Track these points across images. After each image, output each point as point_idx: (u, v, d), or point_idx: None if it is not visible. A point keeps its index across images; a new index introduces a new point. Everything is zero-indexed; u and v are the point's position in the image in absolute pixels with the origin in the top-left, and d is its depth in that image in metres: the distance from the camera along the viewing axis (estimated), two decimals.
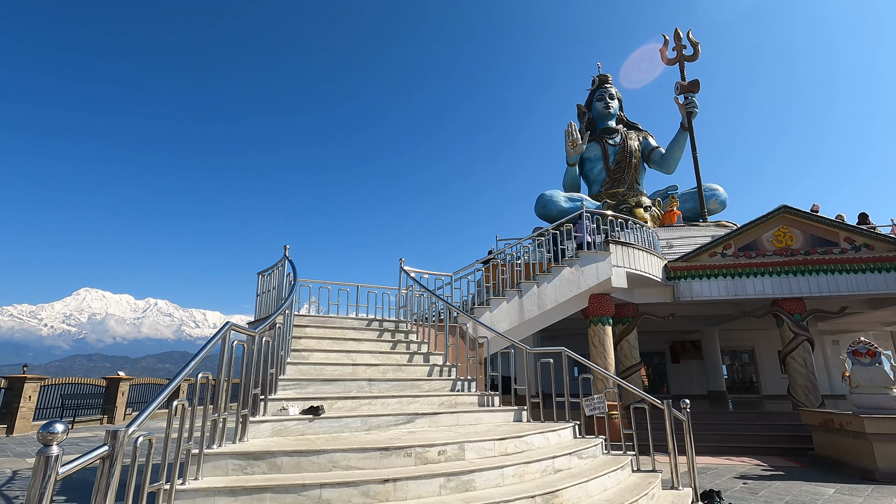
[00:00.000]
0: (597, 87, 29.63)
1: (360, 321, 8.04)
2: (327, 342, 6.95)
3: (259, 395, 4.73)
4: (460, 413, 5.93)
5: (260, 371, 4.77)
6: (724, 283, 11.56)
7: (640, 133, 28.32)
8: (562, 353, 6.88)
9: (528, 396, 6.66)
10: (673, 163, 26.00)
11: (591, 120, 29.43)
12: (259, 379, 4.76)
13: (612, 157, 27.20)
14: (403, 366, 6.82)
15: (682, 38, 26.80)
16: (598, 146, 27.46)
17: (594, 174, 27.34)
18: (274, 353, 5.23)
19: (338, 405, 5.42)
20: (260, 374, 4.76)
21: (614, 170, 27.13)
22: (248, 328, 4.50)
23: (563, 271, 9.99)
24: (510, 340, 7.08)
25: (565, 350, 6.89)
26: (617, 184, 26.41)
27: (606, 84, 29.39)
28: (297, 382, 5.61)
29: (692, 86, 25.00)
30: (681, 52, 26.45)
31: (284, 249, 7.81)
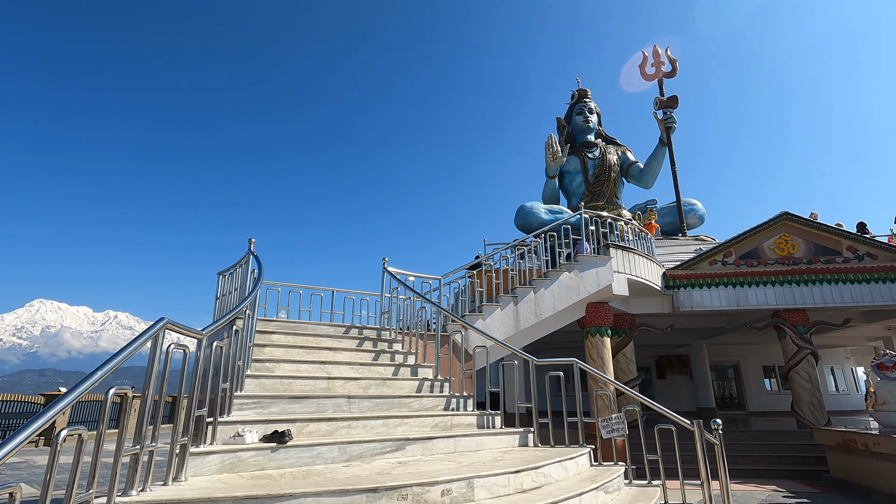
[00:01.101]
0: (576, 101, 29.52)
1: (336, 328, 6.94)
2: (297, 351, 5.84)
3: (206, 417, 3.61)
4: (458, 437, 4.90)
5: (208, 386, 3.66)
6: (725, 293, 10.92)
7: (619, 148, 28.26)
8: (573, 366, 5.97)
9: (535, 416, 5.69)
10: (651, 177, 25.92)
11: (570, 133, 29.25)
12: (207, 396, 3.66)
13: (591, 170, 26.98)
14: (388, 380, 5.76)
15: (660, 55, 26.98)
16: (578, 159, 27.22)
17: (573, 187, 27.04)
18: (229, 363, 4.12)
19: (309, 429, 4.32)
20: (208, 389, 3.65)
21: (593, 183, 26.89)
22: (191, 328, 3.40)
23: (561, 276, 9.13)
24: (513, 350, 6.11)
25: (577, 362, 5.98)
26: (596, 197, 26.11)
27: (586, 98, 29.31)
28: (257, 401, 4.48)
29: (671, 101, 25.04)
30: (659, 68, 26.55)
31: (249, 244, 6.68)
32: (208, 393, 3.62)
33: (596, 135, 29.29)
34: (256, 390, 4.79)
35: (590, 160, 28.11)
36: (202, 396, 3.68)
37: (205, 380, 3.65)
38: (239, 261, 7.04)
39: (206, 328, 3.55)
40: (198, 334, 3.44)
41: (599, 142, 29.04)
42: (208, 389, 3.63)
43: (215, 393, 3.87)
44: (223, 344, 3.86)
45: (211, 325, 3.64)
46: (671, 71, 27.34)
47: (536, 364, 5.89)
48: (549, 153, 27.08)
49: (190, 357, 3.39)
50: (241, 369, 4.55)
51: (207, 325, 3.61)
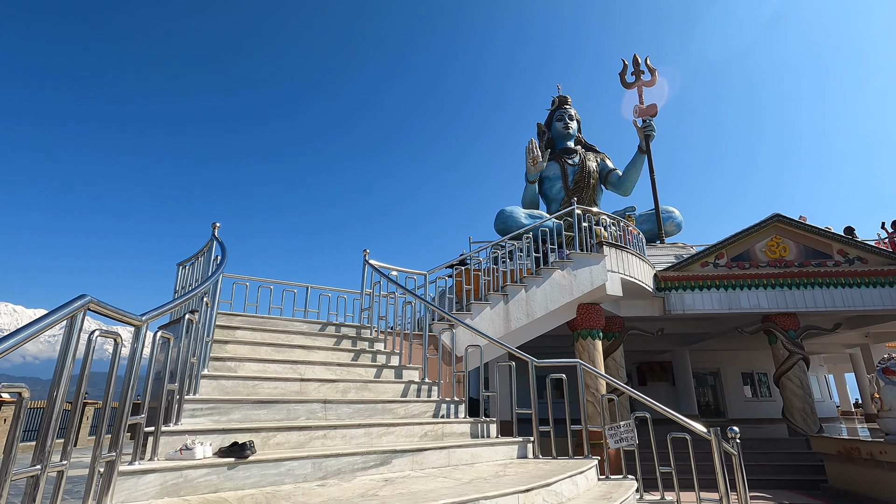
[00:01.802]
0: (557, 107, 29.47)
1: (311, 325, 6.19)
2: (265, 349, 5.08)
3: (143, 426, 2.86)
4: (452, 448, 4.24)
5: (147, 387, 2.92)
6: (717, 296, 10.59)
7: (598, 155, 28.30)
8: (577, 367, 5.39)
9: (536, 424, 5.07)
10: (630, 185, 26.00)
11: (550, 139, 29.20)
12: (146, 400, 2.92)
13: (571, 176, 26.92)
14: (370, 383, 5.05)
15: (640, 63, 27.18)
16: (558, 165, 27.12)
17: (553, 193, 26.92)
18: (179, 359, 3.38)
19: (277, 439, 3.59)
20: (147, 391, 2.91)
21: (573, 189, 26.82)
22: (126, 312, 2.67)
23: (553, 274, 8.58)
24: (511, 350, 5.49)
25: (581, 363, 5.40)
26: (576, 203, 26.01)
27: (566, 105, 29.29)
28: (214, 406, 3.72)
29: (650, 110, 25.18)
30: (639, 77, 26.72)
31: (213, 228, 5.91)
32: (147, 396, 2.88)
33: (576, 141, 29.33)
34: (214, 393, 4.03)
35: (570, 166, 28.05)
36: (141, 400, 2.94)
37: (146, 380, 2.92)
38: (201, 248, 6.25)
39: (147, 313, 2.81)
40: (135, 320, 2.70)
41: (579, 148, 29.07)
42: (147, 391, 2.89)
43: (159, 397, 3.13)
44: (170, 335, 3.12)
45: (154, 309, 2.90)
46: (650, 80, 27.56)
47: (537, 366, 5.29)
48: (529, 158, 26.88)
49: (130, 351, 2.67)
50: (195, 368, 3.79)
51: (150, 311, 2.87)
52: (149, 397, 2.88)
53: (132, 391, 2.66)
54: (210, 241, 5.78)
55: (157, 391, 3.18)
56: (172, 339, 3.17)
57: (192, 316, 3.60)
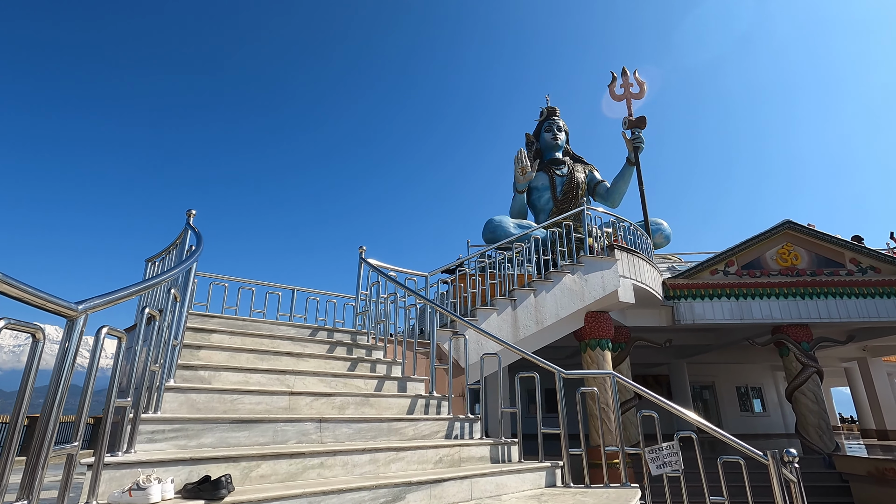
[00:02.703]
0: (545, 118, 29.30)
1: (300, 329, 5.38)
2: (247, 357, 4.27)
3: (76, 453, 2.06)
4: (474, 478, 3.49)
5: (85, 402, 2.12)
6: (728, 306, 10.07)
7: (586, 166, 28.17)
8: (608, 378, 4.71)
9: (566, 445, 4.34)
10: (618, 196, 25.85)
11: (538, 150, 29.00)
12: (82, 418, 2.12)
13: (559, 187, 26.68)
14: (371, 397, 4.27)
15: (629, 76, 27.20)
16: (546, 176, 26.87)
17: (541, 203, 26.61)
18: (136, 365, 2.59)
19: (262, 470, 2.80)
20: (84, 407, 2.11)
21: (562, 200, 26.56)
22: (56, 299, 1.88)
23: (564, 279, 7.93)
24: (535, 360, 4.76)
25: (615, 375, 4.72)
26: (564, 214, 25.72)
27: (555, 116, 29.15)
28: (181, 427, 2.91)
29: (639, 122, 25.11)
30: (628, 89, 26.70)
31: (187, 216, 5.10)
32: (83, 412, 2.09)
33: (564, 153, 29.16)
34: (181, 410, 3.21)
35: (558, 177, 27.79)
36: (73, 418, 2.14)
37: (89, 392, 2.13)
38: (174, 241, 5.43)
39: (83, 302, 2.02)
40: (67, 309, 1.92)
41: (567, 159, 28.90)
42: (84, 407, 2.10)
43: (106, 413, 2.33)
44: (121, 334, 2.33)
45: (97, 297, 2.11)
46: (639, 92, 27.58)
47: (564, 376, 4.58)
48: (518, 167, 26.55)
49: (59, 351, 1.90)
50: (156, 378, 2.98)
51: (88, 299, 2.08)
52: (85, 416, 2.08)
53: (59, 407, 1.87)
54: (183, 232, 4.97)
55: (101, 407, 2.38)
56: (125, 338, 2.38)
57: (154, 311, 2.80)
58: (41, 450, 1.82)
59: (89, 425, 20.57)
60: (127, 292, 2.26)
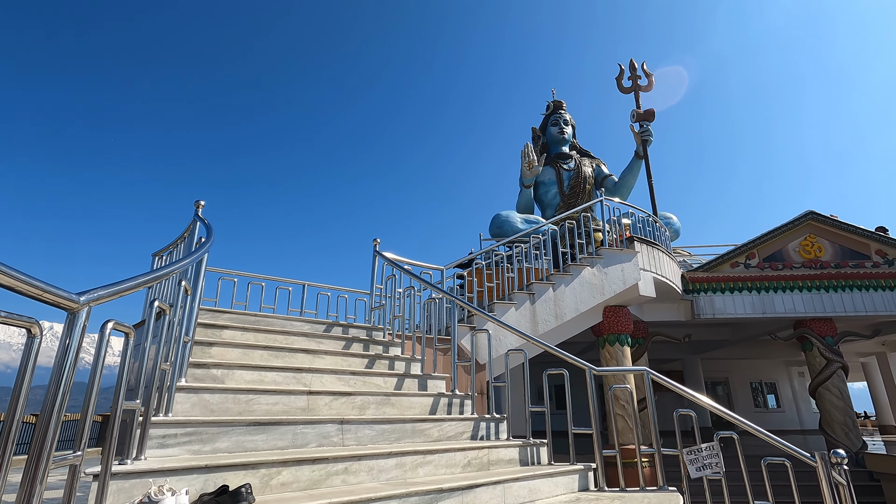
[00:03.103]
0: (552, 111, 28.97)
1: (314, 325, 5.14)
2: (261, 354, 4.03)
3: (79, 463, 1.83)
4: (506, 482, 3.24)
5: (90, 403, 1.89)
6: (749, 299, 9.77)
7: (593, 160, 27.86)
8: (644, 375, 4.46)
9: (598, 447, 4.09)
10: (626, 190, 25.53)
11: (544, 144, 28.69)
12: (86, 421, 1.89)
13: (566, 181, 26.40)
14: (392, 395, 4.03)
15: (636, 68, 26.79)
16: (553, 170, 26.59)
17: (548, 198, 26.32)
18: (145, 364, 2.36)
19: (283, 478, 2.56)
20: (89, 409, 1.88)
21: (569, 195, 26.27)
22: (56, 289, 1.65)
23: (583, 272, 7.66)
24: (563, 356, 4.51)
25: (650, 371, 4.47)
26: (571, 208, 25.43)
27: (561, 110, 28.81)
28: (195, 431, 2.68)
29: (647, 114, 24.73)
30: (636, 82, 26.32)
31: (196, 207, 4.87)
32: (87, 419, 1.85)
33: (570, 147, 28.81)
34: (194, 412, 2.98)
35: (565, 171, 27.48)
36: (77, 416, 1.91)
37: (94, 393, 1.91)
38: (182, 234, 5.22)
39: (86, 293, 1.79)
40: (68, 300, 1.69)
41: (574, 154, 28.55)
42: (88, 413, 1.86)
43: (114, 418, 2.10)
44: (128, 329, 2.10)
45: (99, 288, 1.87)
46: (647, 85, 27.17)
47: (595, 373, 4.33)
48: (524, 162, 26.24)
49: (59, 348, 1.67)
50: (167, 377, 2.75)
51: (92, 289, 1.84)
52: (89, 422, 1.85)
53: (59, 412, 1.64)
54: (192, 224, 4.75)
55: (107, 408, 2.15)
56: (133, 334, 2.15)
57: (164, 305, 2.57)
58: (39, 461, 1.58)
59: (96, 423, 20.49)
60: (135, 283, 2.02)
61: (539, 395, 4.41)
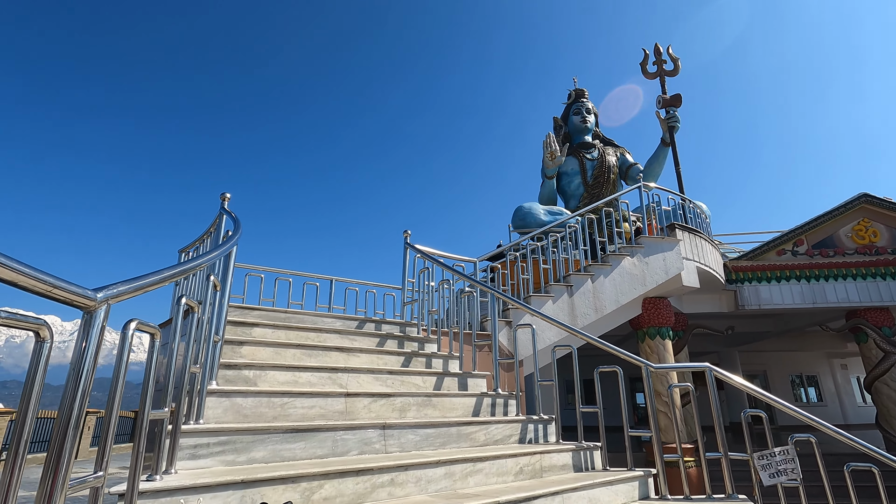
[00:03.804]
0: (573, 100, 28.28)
1: (346, 321, 4.91)
2: (293, 353, 3.80)
3: (103, 480, 1.59)
4: (565, 493, 2.94)
5: (113, 412, 1.65)
6: (798, 289, 9.20)
7: (618, 149, 27.13)
8: (706, 372, 4.10)
9: (658, 451, 3.75)
10: (652, 179, 24.73)
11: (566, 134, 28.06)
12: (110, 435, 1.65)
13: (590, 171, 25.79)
14: (433, 396, 3.76)
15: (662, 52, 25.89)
16: (576, 160, 25.97)
17: (571, 189, 25.74)
18: (173, 366, 2.12)
19: (325, 492, 2.31)
20: (111, 419, 1.64)
21: (592, 185, 25.64)
22: (67, 284, 1.40)
23: (623, 262, 7.26)
24: (617, 352, 4.16)
25: (712, 367, 4.10)
26: (595, 199, 24.77)
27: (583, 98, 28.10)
28: (228, 439, 2.45)
29: (674, 100, 23.87)
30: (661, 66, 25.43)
31: (222, 200, 4.67)
32: (110, 426, 1.62)
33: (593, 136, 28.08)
34: (226, 417, 2.76)
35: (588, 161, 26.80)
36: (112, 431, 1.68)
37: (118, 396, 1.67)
38: (208, 228, 5.02)
39: (104, 289, 1.54)
40: (83, 298, 1.44)
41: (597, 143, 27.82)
42: (112, 419, 1.62)
43: (142, 426, 1.87)
44: (154, 329, 1.86)
45: (119, 284, 1.63)
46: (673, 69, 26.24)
47: (653, 370, 3.98)
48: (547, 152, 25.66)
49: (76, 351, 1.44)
50: (198, 380, 2.52)
51: (110, 285, 1.59)
52: (113, 429, 1.61)
53: (77, 423, 1.40)
54: (218, 217, 4.55)
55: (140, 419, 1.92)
56: (158, 334, 1.91)
57: (192, 302, 2.33)
58: (54, 485, 1.34)
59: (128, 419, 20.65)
60: (159, 277, 1.77)
61: (568, 390, 4.09)
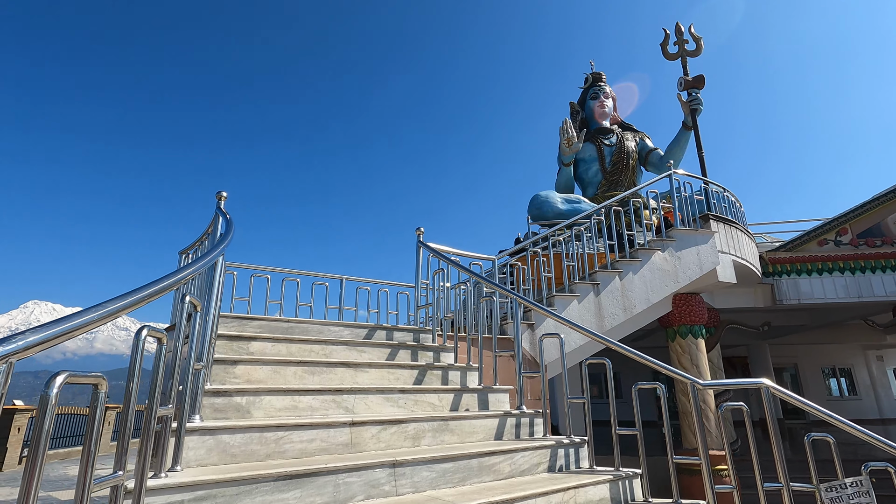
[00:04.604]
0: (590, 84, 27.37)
1: (354, 329, 4.49)
2: (293, 371, 3.40)
3: None
4: None
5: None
6: (841, 281, 8.55)
7: (637, 134, 26.25)
8: (760, 388, 3.59)
9: (709, 479, 3.27)
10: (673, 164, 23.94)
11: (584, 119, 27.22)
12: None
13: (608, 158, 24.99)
14: (451, 420, 3.33)
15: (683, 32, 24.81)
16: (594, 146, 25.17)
17: (589, 176, 24.98)
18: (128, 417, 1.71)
19: None
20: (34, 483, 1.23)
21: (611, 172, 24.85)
22: None
23: (653, 257, 6.72)
24: (654, 364, 3.68)
25: (769, 384, 3.59)
26: (614, 186, 23.97)
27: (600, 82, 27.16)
28: (206, 493, 2.05)
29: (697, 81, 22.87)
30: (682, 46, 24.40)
31: (218, 199, 4.28)
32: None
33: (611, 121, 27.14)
34: (210, 459, 2.36)
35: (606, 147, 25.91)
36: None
37: None
38: (206, 229, 4.65)
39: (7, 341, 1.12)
40: None
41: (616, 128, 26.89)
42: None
43: None
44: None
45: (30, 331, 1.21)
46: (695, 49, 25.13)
47: (700, 387, 3.49)
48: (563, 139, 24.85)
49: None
50: (171, 422, 2.12)
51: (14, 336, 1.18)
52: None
53: None
54: (215, 218, 4.16)
55: None
56: (104, 384, 1.49)
57: (161, 334, 1.92)
58: None
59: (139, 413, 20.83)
60: (78, 322, 1.34)
61: (698, 420, 3.59)
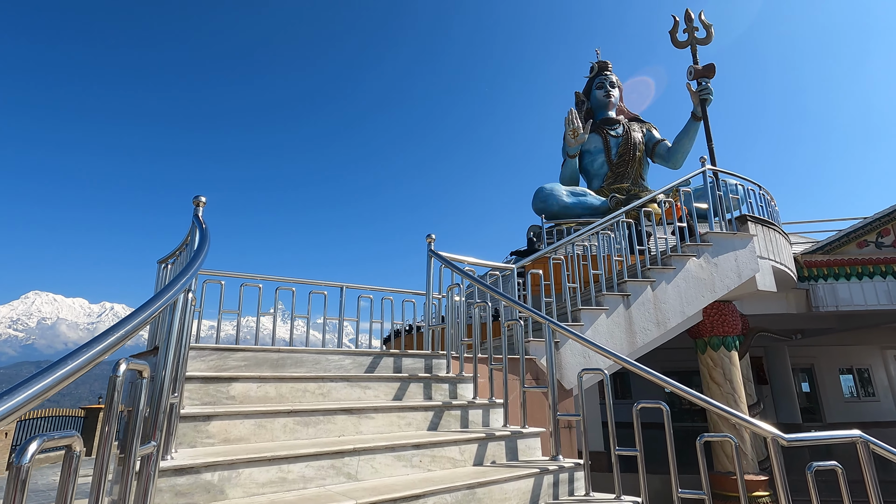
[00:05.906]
0: (596, 74, 26.52)
1: (356, 358, 3.84)
2: (283, 423, 2.76)
3: None
4: None
5: None
6: (883, 286, 7.90)
7: (643, 125, 25.49)
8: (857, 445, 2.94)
9: None
10: (681, 156, 23.18)
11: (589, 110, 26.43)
12: None
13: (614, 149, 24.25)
14: (477, 486, 2.69)
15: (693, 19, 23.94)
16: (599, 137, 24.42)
17: (594, 168, 24.26)
18: None
19: None
20: None
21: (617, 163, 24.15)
22: None
23: (687, 263, 6.06)
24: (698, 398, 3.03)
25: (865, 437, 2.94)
26: (620, 178, 23.29)
27: (606, 71, 26.34)
28: None
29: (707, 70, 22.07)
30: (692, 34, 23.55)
31: (195, 206, 3.61)
32: None
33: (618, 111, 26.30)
34: None
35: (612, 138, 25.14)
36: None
37: None
38: (185, 238, 4.02)
39: None
40: None
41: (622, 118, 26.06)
42: None
43: None
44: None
45: None
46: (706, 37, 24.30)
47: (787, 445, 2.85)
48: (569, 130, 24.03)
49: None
50: None
51: None
52: None
53: None
54: (192, 228, 3.52)
55: None
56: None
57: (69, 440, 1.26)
58: None
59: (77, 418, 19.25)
60: None
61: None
